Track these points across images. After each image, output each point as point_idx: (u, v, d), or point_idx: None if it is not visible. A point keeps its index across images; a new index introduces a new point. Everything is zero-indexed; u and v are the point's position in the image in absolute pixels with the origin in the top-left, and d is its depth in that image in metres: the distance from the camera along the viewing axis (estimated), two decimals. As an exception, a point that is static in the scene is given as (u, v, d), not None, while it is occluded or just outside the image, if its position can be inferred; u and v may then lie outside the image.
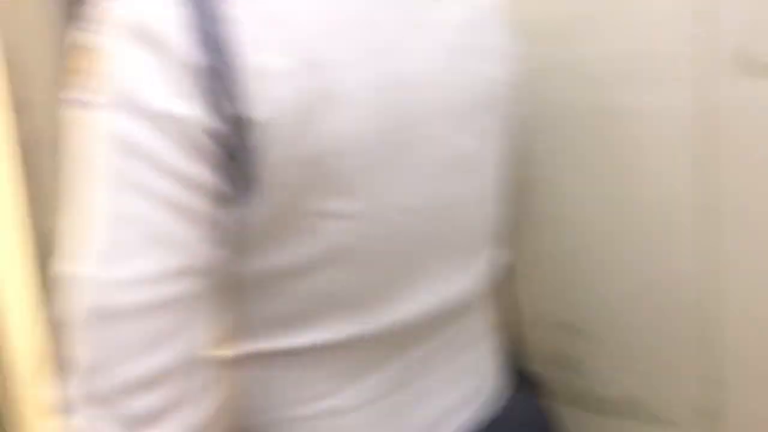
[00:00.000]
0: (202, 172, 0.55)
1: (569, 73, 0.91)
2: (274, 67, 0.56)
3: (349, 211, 0.61)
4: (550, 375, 0.97)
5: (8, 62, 1.25)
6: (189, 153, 0.55)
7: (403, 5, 0.66)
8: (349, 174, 0.60)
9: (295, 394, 0.64)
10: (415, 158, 0.64)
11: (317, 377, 0.65)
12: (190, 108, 0.54)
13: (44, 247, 1.33)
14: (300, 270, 0.61)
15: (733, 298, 0.82)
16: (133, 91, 0.55)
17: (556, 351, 0.98)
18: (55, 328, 0.56)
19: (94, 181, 0.55)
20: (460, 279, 0.71)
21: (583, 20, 0.89)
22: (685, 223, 0.85)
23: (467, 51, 0.69)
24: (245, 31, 0.56)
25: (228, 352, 0.63)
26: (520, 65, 0.78)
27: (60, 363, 0.55)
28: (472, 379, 0.75)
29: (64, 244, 0.56)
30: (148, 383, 0.53)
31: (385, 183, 0.62)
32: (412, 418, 0.69)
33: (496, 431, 0.74)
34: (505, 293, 0.96)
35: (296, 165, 0.57)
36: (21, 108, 1.29)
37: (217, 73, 0.55)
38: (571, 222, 0.94)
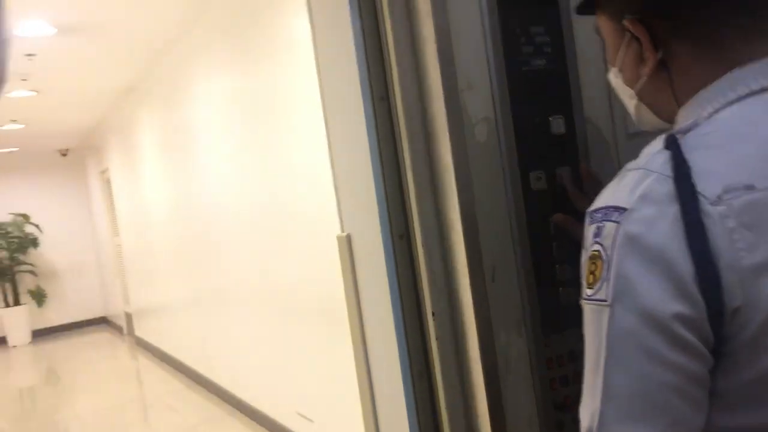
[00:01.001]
0: (691, 361, 0.69)
1: None
2: (748, 266, 0.69)
3: None
4: None
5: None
6: (678, 345, 0.69)
7: None
8: None
9: None
10: None
11: None
12: (680, 308, 0.69)
13: None
14: None
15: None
16: (633, 295, 0.71)
17: None
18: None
19: (605, 361, 0.73)
20: None
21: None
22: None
23: None
24: (721, 239, 0.70)
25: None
26: None
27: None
28: None
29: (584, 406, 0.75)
30: None
31: None
32: None
33: None
34: None
35: None
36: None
37: (702, 278, 0.69)
38: None
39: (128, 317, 10.35)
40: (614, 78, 0.99)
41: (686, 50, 0.87)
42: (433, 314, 1.42)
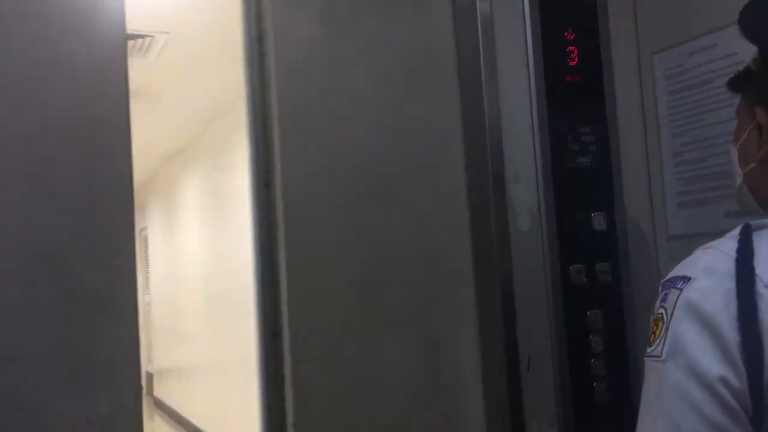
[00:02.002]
0: (731, 424, 0.76)
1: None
2: None
3: None
4: None
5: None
6: (721, 405, 0.76)
7: None
8: None
9: None
10: None
11: None
12: (724, 372, 0.76)
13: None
14: None
15: None
16: (684, 354, 0.80)
17: None
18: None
19: (655, 412, 0.83)
20: None
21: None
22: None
23: None
24: None
25: None
26: None
27: None
28: None
29: None
30: None
31: None
32: None
33: None
34: None
35: None
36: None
37: (748, 350, 0.76)
38: None
39: (149, 376, 10.34)
40: (733, 155, 1.06)
41: None
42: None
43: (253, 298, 1.36)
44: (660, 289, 0.90)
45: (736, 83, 1.09)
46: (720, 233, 1.26)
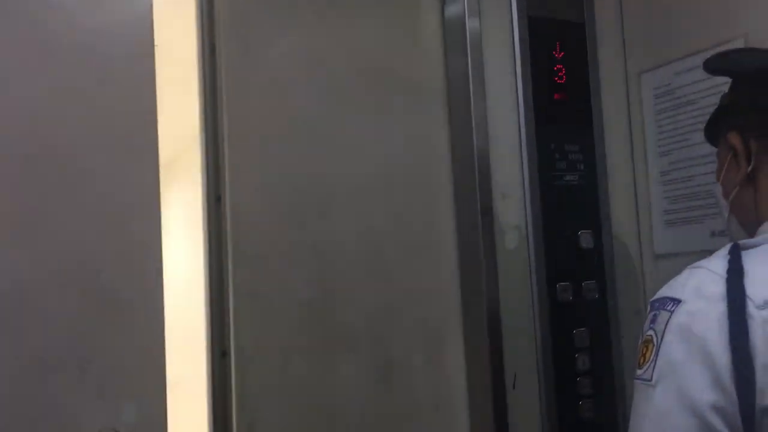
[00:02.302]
0: None
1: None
2: None
3: None
4: None
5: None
6: (707, 431, 0.75)
7: None
8: None
9: None
10: None
11: None
12: (715, 397, 0.76)
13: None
14: None
15: None
16: (675, 378, 0.79)
17: None
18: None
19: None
20: None
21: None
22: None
23: None
24: (761, 341, 0.76)
25: None
26: None
27: None
28: None
29: None
30: None
31: None
32: None
33: None
34: None
35: None
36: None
37: (739, 373, 0.75)
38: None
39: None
40: (717, 192, 1.08)
41: None
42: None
43: (203, 315, 1.33)
44: (648, 309, 0.89)
45: (711, 127, 1.12)
46: (706, 252, 1.26)
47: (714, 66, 1.08)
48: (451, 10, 1.48)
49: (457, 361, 1.44)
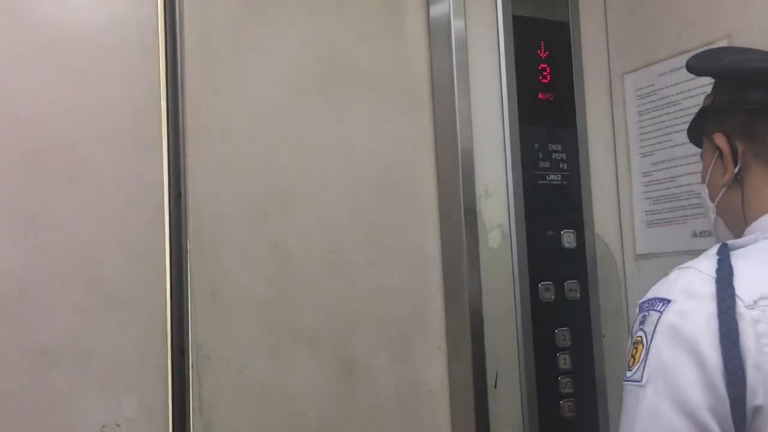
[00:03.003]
0: None
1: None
2: None
3: None
4: None
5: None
6: (698, 431, 0.75)
7: None
8: None
9: None
10: None
11: None
12: (706, 397, 0.75)
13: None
14: None
15: None
16: (665, 379, 0.78)
17: None
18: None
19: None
20: None
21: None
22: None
23: None
24: (750, 340, 0.75)
25: None
26: None
27: None
28: None
29: None
30: None
31: None
32: None
33: None
34: None
35: None
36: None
37: (729, 373, 0.75)
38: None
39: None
40: (703, 194, 1.07)
41: (762, 171, 0.98)
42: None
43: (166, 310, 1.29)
44: (638, 311, 0.89)
45: (695, 128, 1.12)
46: (688, 253, 1.27)
47: (696, 65, 1.08)
48: (437, 10, 1.48)
49: (436, 359, 1.44)
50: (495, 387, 1.41)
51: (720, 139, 1.00)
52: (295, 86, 1.37)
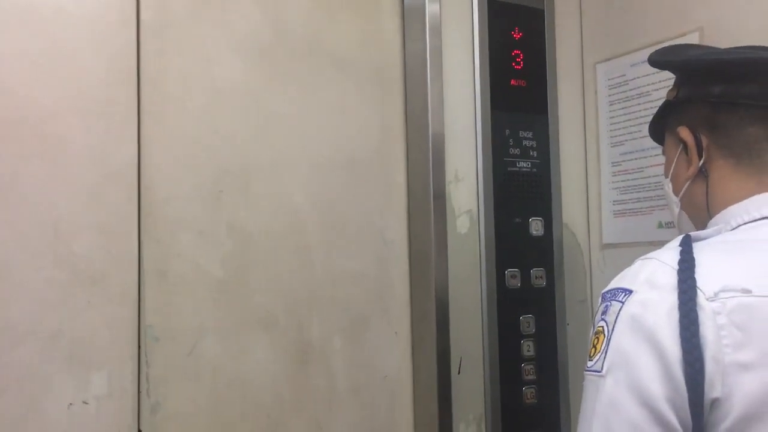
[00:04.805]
0: None
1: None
2: (732, 362, 0.75)
3: None
4: None
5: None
6: (660, 423, 0.75)
7: None
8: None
9: None
10: None
11: None
12: (664, 388, 0.76)
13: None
14: None
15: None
16: (625, 369, 0.78)
17: None
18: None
19: (593, 428, 0.80)
20: None
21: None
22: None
23: None
24: (711, 332, 0.76)
25: None
26: None
27: None
28: None
29: None
30: None
31: None
32: None
33: None
34: None
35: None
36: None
37: (688, 365, 0.75)
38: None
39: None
40: (667, 188, 1.07)
41: (726, 164, 0.98)
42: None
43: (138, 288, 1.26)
44: (600, 301, 0.89)
45: (657, 123, 1.12)
46: (653, 243, 1.28)
47: (660, 60, 1.08)
48: (412, -8, 1.46)
49: (395, 345, 1.43)
50: (459, 373, 1.41)
51: (684, 133, 1.01)
52: (257, 62, 1.33)
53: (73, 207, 1.17)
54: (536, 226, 1.50)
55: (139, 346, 1.20)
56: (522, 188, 1.50)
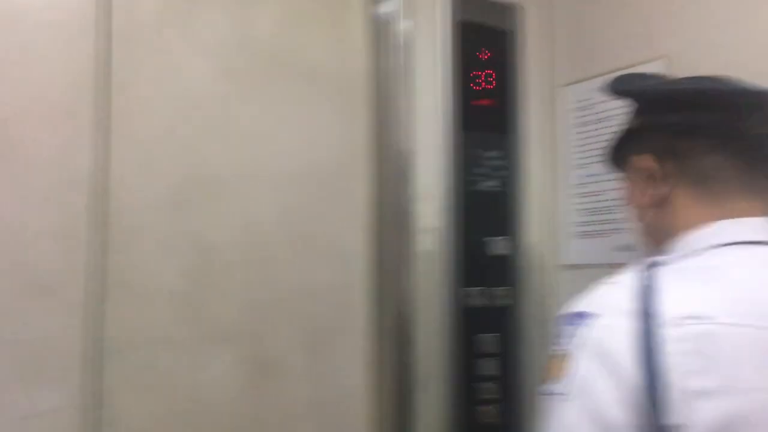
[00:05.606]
0: None
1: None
2: (694, 389, 0.74)
3: None
4: None
5: None
6: None
7: None
8: None
9: None
10: None
11: None
12: (624, 415, 0.75)
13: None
14: None
15: None
16: (584, 394, 0.78)
17: None
18: None
19: None
20: None
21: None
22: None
23: None
24: (674, 359, 0.75)
25: None
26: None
27: None
28: None
29: None
30: None
31: None
32: None
33: None
34: None
35: None
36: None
37: (650, 391, 0.74)
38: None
39: None
40: (629, 214, 1.09)
41: (689, 191, 0.98)
42: (355, 417, 1.39)
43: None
44: (562, 322, 0.88)
45: (617, 150, 1.12)
46: (611, 265, 1.28)
47: (618, 88, 1.09)
48: (384, 8, 1.47)
49: (357, 362, 1.42)
50: (426, 391, 1.41)
51: (647, 160, 1.01)
52: (224, 72, 1.33)
53: (29, 212, 1.15)
54: (500, 246, 1.50)
55: (95, 358, 1.18)
56: (487, 207, 1.51)
